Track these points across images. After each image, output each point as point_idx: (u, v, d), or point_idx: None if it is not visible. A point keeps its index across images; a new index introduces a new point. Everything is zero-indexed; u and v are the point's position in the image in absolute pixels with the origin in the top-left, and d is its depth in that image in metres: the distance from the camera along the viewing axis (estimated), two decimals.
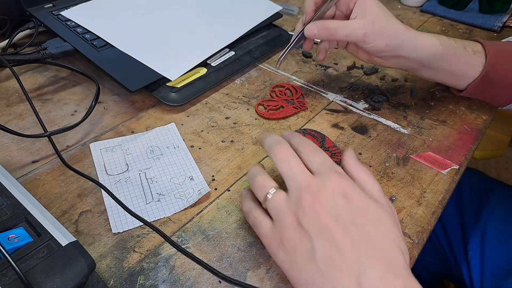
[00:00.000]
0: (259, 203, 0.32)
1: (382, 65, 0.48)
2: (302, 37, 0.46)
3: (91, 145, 0.43)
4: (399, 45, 0.43)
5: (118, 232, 0.34)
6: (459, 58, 0.45)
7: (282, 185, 0.31)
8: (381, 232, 0.27)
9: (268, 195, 0.30)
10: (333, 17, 0.47)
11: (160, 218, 0.36)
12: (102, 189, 0.37)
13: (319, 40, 0.52)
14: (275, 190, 0.30)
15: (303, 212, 0.28)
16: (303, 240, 0.27)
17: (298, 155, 0.31)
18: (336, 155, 0.43)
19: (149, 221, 0.35)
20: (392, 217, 0.29)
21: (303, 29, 0.45)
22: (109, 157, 0.42)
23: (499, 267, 0.56)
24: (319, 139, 0.45)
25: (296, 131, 0.46)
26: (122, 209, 0.36)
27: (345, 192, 0.28)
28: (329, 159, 0.31)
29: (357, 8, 0.43)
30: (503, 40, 0.52)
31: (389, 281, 0.25)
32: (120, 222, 0.35)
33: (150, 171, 0.40)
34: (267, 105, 0.50)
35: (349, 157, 0.32)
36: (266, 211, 0.31)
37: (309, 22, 0.44)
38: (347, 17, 0.45)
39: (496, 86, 0.46)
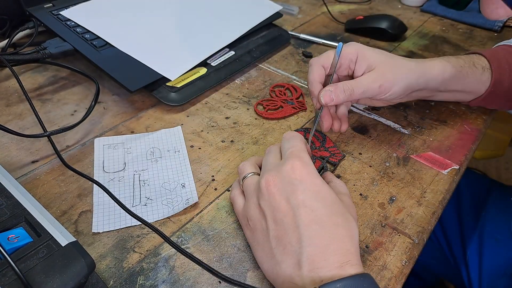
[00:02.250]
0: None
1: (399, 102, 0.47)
2: (321, 111, 0.42)
3: (95, 140, 0.43)
4: (415, 82, 0.42)
5: (98, 232, 0.34)
6: (471, 77, 0.45)
7: None
8: (330, 215, 0.29)
9: (244, 178, 0.34)
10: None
11: (139, 225, 0.35)
12: (95, 186, 0.37)
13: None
14: (251, 174, 0.34)
15: (261, 194, 0.31)
16: (261, 219, 0.31)
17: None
18: (335, 155, 0.43)
19: (129, 225, 0.35)
20: (346, 208, 0.30)
21: (321, 109, 0.42)
22: (110, 154, 0.42)
23: (497, 267, 0.57)
24: (320, 139, 0.45)
25: (297, 130, 0.46)
26: (108, 209, 0.36)
27: (301, 176, 0.30)
28: (297, 145, 0.33)
29: (360, 65, 0.42)
30: (503, 43, 0.52)
31: (326, 259, 0.27)
32: (103, 222, 0.35)
33: (145, 173, 0.40)
34: (266, 105, 0.50)
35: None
36: (243, 193, 0.34)
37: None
38: (351, 78, 0.44)
39: (501, 97, 0.47)
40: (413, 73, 0.41)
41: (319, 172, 0.40)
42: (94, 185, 0.38)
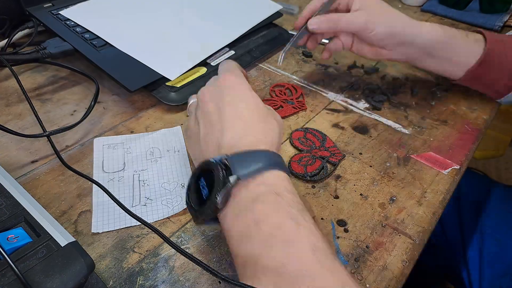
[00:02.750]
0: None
1: (388, 59, 0.48)
2: (304, 32, 0.47)
3: (95, 140, 0.43)
4: (401, 30, 0.44)
5: (97, 232, 0.34)
6: (461, 45, 0.46)
7: None
8: (252, 113, 0.32)
9: (190, 100, 0.39)
10: None
11: (138, 225, 0.35)
12: (94, 186, 0.37)
13: (326, 41, 0.52)
14: (195, 99, 0.38)
15: (198, 106, 0.35)
16: (196, 126, 0.34)
17: None
18: (335, 155, 0.43)
19: (128, 225, 0.35)
20: (271, 112, 0.35)
21: (306, 23, 0.46)
22: (110, 154, 0.42)
23: (498, 267, 0.56)
24: (320, 139, 0.45)
25: (297, 130, 0.46)
26: (108, 209, 0.36)
27: (230, 83, 0.34)
28: (231, 65, 0.38)
29: (356, 3, 0.46)
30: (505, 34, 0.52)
31: (243, 142, 0.30)
32: (102, 222, 0.35)
33: (145, 173, 0.40)
34: (266, 105, 0.50)
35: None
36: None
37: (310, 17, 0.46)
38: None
39: (493, 72, 0.47)
40: (401, 21, 0.45)
41: (318, 173, 0.40)
42: (94, 185, 0.38)
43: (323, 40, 0.64)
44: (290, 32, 0.65)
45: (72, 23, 0.53)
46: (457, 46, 0.46)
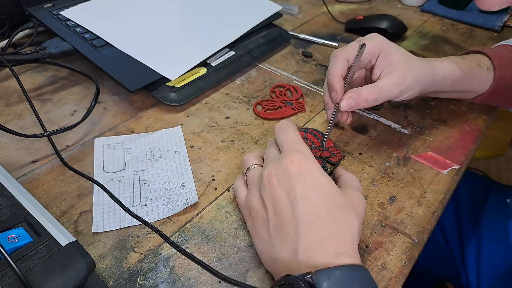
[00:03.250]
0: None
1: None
2: (337, 113, 0.42)
3: (95, 140, 0.43)
4: (427, 87, 0.42)
5: (98, 232, 0.34)
6: (476, 78, 0.45)
7: None
8: (328, 207, 0.29)
9: (248, 170, 0.35)
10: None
11: (139, 224, 0.35)
12: (95, 186, 0.37)
13: None
14: (255, 166, 0.35)
15: (263, 185, 0.31)
16: (262, 210, 0.31)
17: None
18: (335, 155, 0.43)
19: (129, 225, 0.35)
20: (349, 201, 0.31)
21: (337, 105, 0.41)
22: (110, 154, 0.42)
23: (495, 268, 0.56)
24: (320, 139, 0.45)
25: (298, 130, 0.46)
26: (108, 209, 0.36)
27: (300, 168, 0.30)
28: (293, 137, 0.34)
29: (382, 62, 0.41)
30: (502, 43, 0.52)
31: (322, 248, 0.28)
32: (103, 222, 0.35)
33: (145, 173, 0.40)
34: (265, 105, 0.50)
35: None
36: (246, 185, 0.35)
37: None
38: (367, 71, 0.44)
39: (504, 95, 0.47)
40: (427, 77, 0.42)
41: None
42: (94, 185, 0.38)
43: (322, 41, 0.64)
44: (290, 32, 0.65)
45: (72, 23, 0.53)
46: (472, 79, 0.45)
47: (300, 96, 0.52)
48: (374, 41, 0.41)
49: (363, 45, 0.39)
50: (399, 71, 0.40)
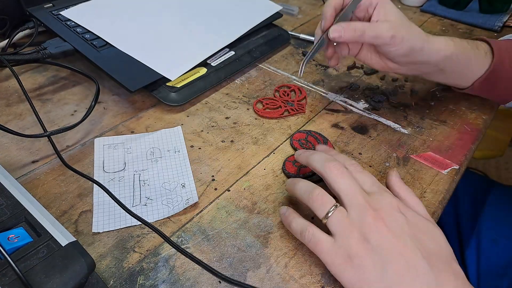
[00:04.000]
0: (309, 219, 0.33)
1: (395, 72, 0.47)
2: (323, 42, 0.42)
3: (95, 140, 0.43)
4: (420, 48, 0.42)
5: (98, 232, 0.34)
6: (472, 59, 0.45)
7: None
8: (438, 246, 0.29)
9: (329, 213, 0.30)
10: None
11: (139, 224, 0.35)
12: (95, 186, 0.37)
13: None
14: (335, 207, 0.31)
15: (368, 229, 0.29)
16: (372, 255, 0.28)
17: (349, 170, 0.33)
18: None
19: (129, 225, 0.35)
20: (442, 233, 0.31)
21: (326, 32, 0.42)
22: (110, 154, 0.42)
23: (494, 267, 0.56)
24: (321, 142, 0.45)
25: (299, 131, 0.46)
26: (109, 209, 0.36)
27: (401, 210, 0.30)
28: (376, 180, 0.33)
29: (378, 12, 0.42)
30: (504, 38, 0.52)
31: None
32: (103, 222, 0.35)
33: (145, 173, 0.40)
34: (266, 103, 0.50)
35: (395, 178, 0.35)
36: (321, 228, 0.31)
37: (330, 26, 0.42)
38: (366, 21, 0.44)
39: (500, 82, 0.47)
40: (421, 37, 0.42)
41: (312, 175, 0.40)
42: (94, 185, 0.38)
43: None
44: (290, 32, 0.65)
45: (73, 23, 0.53)
46: (469, 60, 0.45)
47: (303, 98, 0.52)
48: None
49: None
50: (394, 20, 0.41)
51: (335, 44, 0.45)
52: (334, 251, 0.29)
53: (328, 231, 0.31)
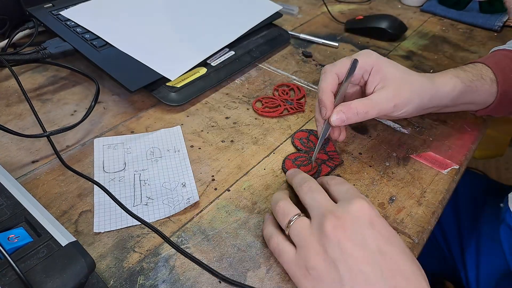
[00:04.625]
0: (281, 230, 0.32)
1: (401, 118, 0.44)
2: (328, 128, 0.40)
3: (95, 141, 0.43)
4: (428, 102, 0.40)
5: (99, 232, 0.34)
6: (480, 90, 0.44)
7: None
8: (407, 261, 0.27)
9: (290, 222, 0.30)
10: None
11: (139, 224, 0.35)
12: (95, 186, 0.37)
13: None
14: (297, 217, 0.30)
15: (327, 239, 0.27)
16: (329, 269, 0.27)
17: (326, 189, 0.33)
18: (333, 159, 0.43)
19: (130, 225, 0.35)
20: (408, 250, 0.29)
21: (327, 121, 0.39)
22: (110, 154, 0.42)
23: (494, 268, 0.56)
24: (323, 142, 0.44)
25: (302, 130, 0.46)
26: (109, 209, 0.36)
27: (371, 219, 0.28)
28: (354, 188, 0.32)
29: (374, 78, 0.39)
30: (502, 47, 0.50)
31: None
32: (104, 222, 0.35)
33: (146, 173, 0.40)
34: (265, 102, 0.50)
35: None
36: (288, 238, 0.31)
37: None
38: (362, 88, 0.42)
39: (508, 107, 0.46)
40: (427, 92, 0.40)
41: (311, 175, 0.40)
42: (95, 185, 0.38)
43: (322, 41, 0.64)
44: (290, 32, 0.65)
45: (73, 23, 0.53)
46: (476, 92, 0.44)
47: (302, 97, 0.52)
48: (367, 57, 0.39)
49: (355, 61, 0.38)
50: (393, 86, 0.38)
51: None
52: (294, 262, 0.29)
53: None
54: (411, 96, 0.39)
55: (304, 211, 0.32)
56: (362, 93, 0.42)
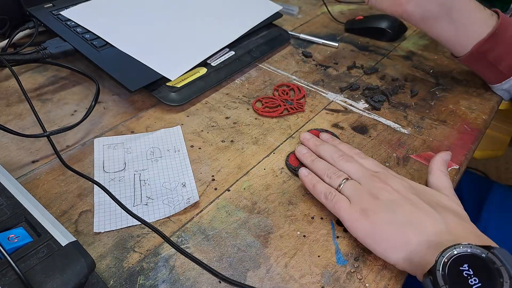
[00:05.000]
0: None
1: (405, 11, 0.48)
2: None
3: (95, 140, 0.43)
4: None
5: (99, 232, 0.34)
6: (478, 13, 0.47)
7: None
8: (445, 204, 0.33)
9: (343, 182, 0.36)
10: None
11: (139, 224, 0.35)
12: (95, 186, 0.37)
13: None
14: (347, 179, 0.36)
15: (377, 190, 0.33)
16: (383, 206, 0.32)
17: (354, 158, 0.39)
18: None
19: (130, 225, 0.35)
20: (453, 201, 0.34)
21: None
22: (110, 154, 0.42)
23: None
24: None
25: (315, 129, 0.46)
26: (109, 209, 0.36)
27: (407, 183, 0.35)
28: (380, 164, 0.38)
29: None
30: None
31: (466, 226, 0.31)
32: (104, 222, 0.35)
33: (146, 172, 0.40)
34: (265, 102, 0.50)
35: (439, 159, 0.39)
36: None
37: None
38: None
39: (501, 47, 0.47)
40: None
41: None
42: (95, 185, 0.38)
43: (322, 41, 0.64)
44: (290, 32, 0.65)
45: (73, 23, 0.53)
46: (475, 12, 0.47)
47: (302, 97, 0.52)
48: None
49: None
50: None
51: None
52: (350, 208, 0.34)
53: None
54: None
55: None
56: None
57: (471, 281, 0.25)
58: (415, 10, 0.48)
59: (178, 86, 0.49)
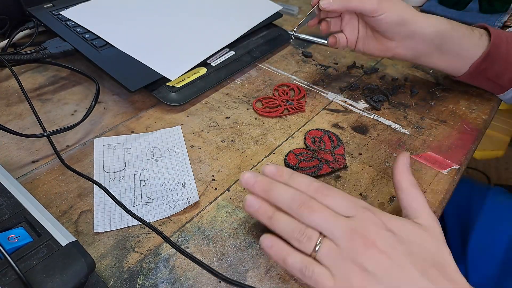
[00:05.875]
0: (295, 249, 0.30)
1: (395, 54, 0.48)
2: (314, 12, 0.48)
3: (95, 140, 0.43)
4: (411, 18, 0.44)
5: (99, 232, 0.34)
6: (467, 38, 0.47)
7: None
8: (433, 252, 0.29)
9: (318, 245, 0.28)
10: None
11: (139, 224, 0.35)
12: (95, 186, 0.37)
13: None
14: (321, 239, 0.29)
15: (363, 257, 0.27)
16: (373, 283, 0.27)
17: (317, 200, 0.30)
18: (337, 162, 0.42)
19: (130, 225, 0.35)
20: (430, 234, 0.30)
21: (318, 2, 0.46)
22: (110, 154, 0.42)
23: (496, 269, 0.56)
24: (334, 145, 0.44)
25: (317, 129, 0.46)
26: (109, 209, 0.36)
27: (387, 226, 0.29)
28: (348, 197, 0.31)
29: None
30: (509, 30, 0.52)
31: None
32: (104, 222, 0.35)
33: (146, 172, 0.40)
34: (265, 102, 0.50)
35: (401, 166, 0.34)
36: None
37: None
38: None
39: (498, 65, 0.47)
40: (411, 10, 0.45)
41: (311, 174, 0.40)
42: (95, 184, 0.38)
43: (322, 41, 0.64)
44: (289, 32, 0.65)
45: (73, 23, 0.53)
46: (464, 39, 0.46)
47: (302, 97, 0.52)
48: None
49: None
50: None
51: (328, 19, 0.50)
52: (337, 286, 0.28)
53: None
54: (393, 4, 0.44)
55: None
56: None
57: None
58: (406, 53, 0.48)
59: (178, 86, 0.49)
